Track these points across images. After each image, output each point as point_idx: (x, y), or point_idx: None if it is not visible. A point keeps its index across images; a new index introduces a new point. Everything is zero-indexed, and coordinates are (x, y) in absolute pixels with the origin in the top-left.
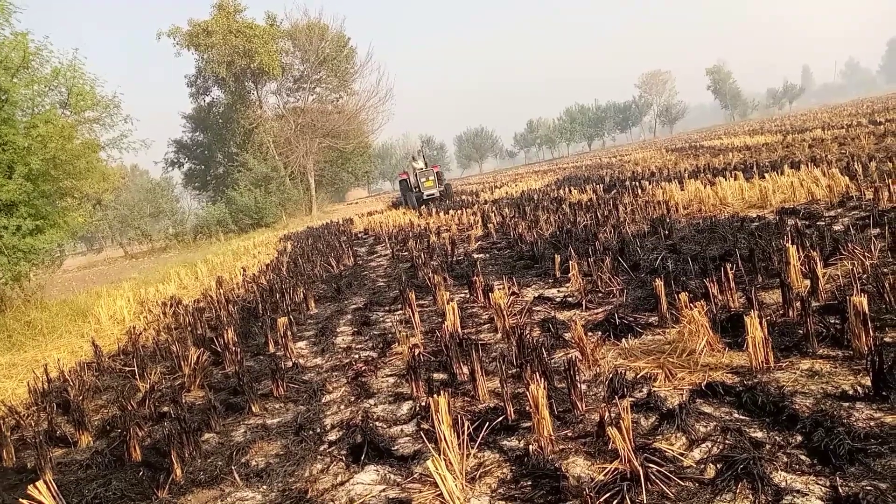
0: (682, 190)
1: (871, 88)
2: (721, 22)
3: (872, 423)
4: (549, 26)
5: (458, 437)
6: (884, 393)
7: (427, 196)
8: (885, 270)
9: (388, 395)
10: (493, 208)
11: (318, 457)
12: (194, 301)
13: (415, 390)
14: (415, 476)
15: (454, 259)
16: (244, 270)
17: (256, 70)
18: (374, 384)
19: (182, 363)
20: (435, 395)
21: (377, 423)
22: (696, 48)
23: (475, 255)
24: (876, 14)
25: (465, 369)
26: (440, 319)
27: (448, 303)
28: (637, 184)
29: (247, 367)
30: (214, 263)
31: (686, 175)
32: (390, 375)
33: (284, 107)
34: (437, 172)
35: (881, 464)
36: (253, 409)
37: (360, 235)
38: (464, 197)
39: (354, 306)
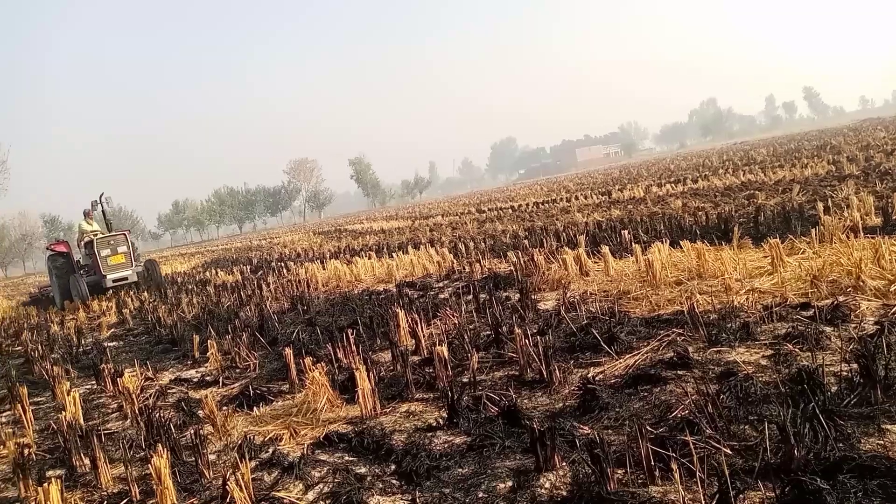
0: (323, 269)
1: (480, 182)
2: (363, 119)
3: (446, 445)
4: (189, 115)
5: None
6: (454, 420)
7: (115, 281)
8: (471, 326)
9: None
10: (131, 293)
11: None
12: None
13: (23, 490)
14: None
15: (81, 350)
16: None
17: None
18: None
19: None
20: (45, 485)
21: None
22: (342, 140)
23: (107, 344)
24: (484, 125)
25: (87, 460)
26: (60, 415)
27: (68, 394)
28: (283, 264)
29: None
30: None
31: (328, 255)
32: None
33: None
34: (129, 242)
35: (448, 474)
36: None
37: None
38: None
39: None
